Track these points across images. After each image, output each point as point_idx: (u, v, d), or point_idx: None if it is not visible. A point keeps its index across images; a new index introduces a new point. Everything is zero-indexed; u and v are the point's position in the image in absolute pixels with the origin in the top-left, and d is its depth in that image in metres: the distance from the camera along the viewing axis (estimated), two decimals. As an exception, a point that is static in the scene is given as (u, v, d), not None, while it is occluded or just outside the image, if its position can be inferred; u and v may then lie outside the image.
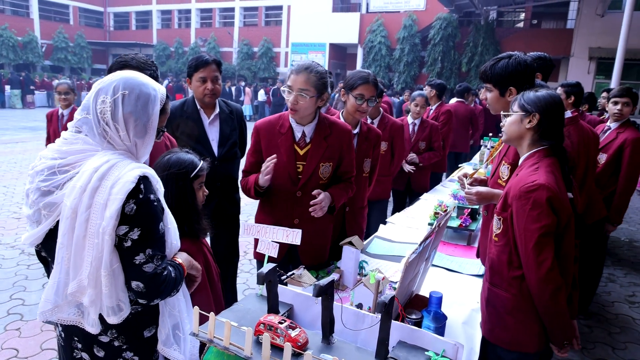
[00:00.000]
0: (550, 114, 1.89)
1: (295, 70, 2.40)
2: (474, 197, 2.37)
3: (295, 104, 2.39)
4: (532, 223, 1.75)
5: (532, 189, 1.77)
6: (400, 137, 4.14)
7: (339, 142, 2.57)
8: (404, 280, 1.70)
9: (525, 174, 1.86)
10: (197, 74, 2.97)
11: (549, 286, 1.74)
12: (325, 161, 2.54)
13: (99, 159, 1.53)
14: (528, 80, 2.25)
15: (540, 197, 1.74)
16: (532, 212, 1.75)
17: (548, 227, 1.74)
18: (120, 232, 1.48)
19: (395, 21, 22.75)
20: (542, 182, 1.76)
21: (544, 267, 1.74)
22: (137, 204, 1.49)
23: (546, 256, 1.74)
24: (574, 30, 19.39)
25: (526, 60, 2.27)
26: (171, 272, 1.62)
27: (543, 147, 1.92)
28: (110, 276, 1.49)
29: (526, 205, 1.77)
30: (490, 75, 2.30)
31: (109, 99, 1.53)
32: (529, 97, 1.94)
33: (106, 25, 36.86)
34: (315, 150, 2.52)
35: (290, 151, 2.51)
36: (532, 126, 1.91)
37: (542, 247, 1.74)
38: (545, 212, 1.74)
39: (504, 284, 1.92)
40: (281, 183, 2.54)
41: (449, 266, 2.75)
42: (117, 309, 1.55)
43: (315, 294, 1.37)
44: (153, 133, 1.63)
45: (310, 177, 2.53)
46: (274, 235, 1.88)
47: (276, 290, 1.56)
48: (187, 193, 1.99)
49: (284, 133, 2.52)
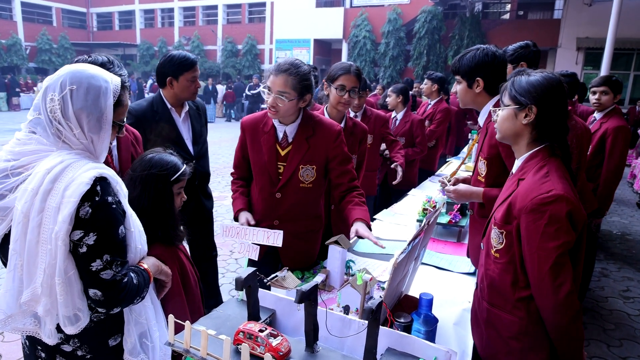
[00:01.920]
0: (550, 103, 1.60)
1: (275, 71, 2.28)
2: (452, 194, 2.32)
3: (274, 105, 2.28)
4: (548, 241, 1.49)
5: (548, 201, 1.50)
6: (387, 128, 4.08)
7: (324, 143, 2.43)
8: (392, 283, 1.61)
9: (535, 182, 1.57)
10: (187, 73, 2.96)
11: (569, 312, 1.50)
12: (306, 164, 2.42)
13: (53, 159, 1.45)
14: (497, 72, 2.22)
15: (559, 210, 1.48)
16: (549, 228, 1.49)
17: (567, 245, 1.49)
18: (75, 237, 1.41)
19: (379, 15, 22.65)
20: (560, 193, 1.49)
21: (563, 291, 1.49)
22: (93, 207, 1.41)
23: (565, 278, 1.49)
24: (561, 20, 19.37)
25: (495, 52, 2.24)
26: (133, 278, 1.55)
27: (545, 144, 1.66)
28: (65, 284, 1.42)
29: (540, 220, 1.51)
30: (459, 67, 2.27)
31: (57, 96, 1.46)
32: (521, 86, 1.64)
33: (89, 26, 36.56)
34: (295, 151, 2.41)
35: (272, 151, 2.42)
36: (529, 121, 1.63)
37: (560, 268, 1.49)
38: (565, 228, 1.48)
39: (508, 306, 1.68)
40: (262, 183, 2.48)
41: (439, 264, 2.67)
42: (74, 319, 1.47)
43: (297, 300, 1.28)
44: (108, 128, 1.54)
45: (290, 179, 2.43)
46: (254, 237, 1.79)
47: (257, 296, 1.46)
48: (165, 196, 1.89)
49: (266, 132, 2.44)
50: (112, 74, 1.61)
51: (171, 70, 2.96)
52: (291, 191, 2.44)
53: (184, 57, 2.98)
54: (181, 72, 2.95)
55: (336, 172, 2.48)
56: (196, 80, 3.03)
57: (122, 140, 2.23)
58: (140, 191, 1.85)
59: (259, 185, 2.49)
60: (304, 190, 2.47)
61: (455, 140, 7.30)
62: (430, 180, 4.93)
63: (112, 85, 1.55)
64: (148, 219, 1.79)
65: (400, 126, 4.86)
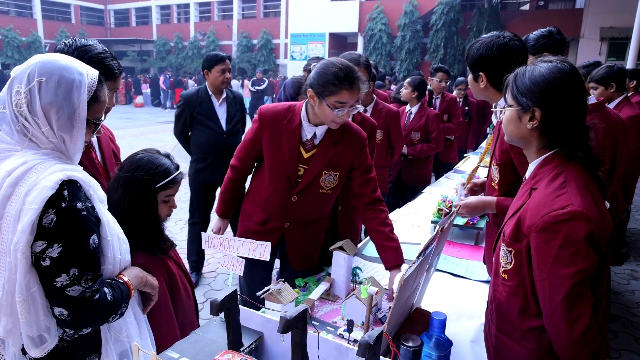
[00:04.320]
0: (557, 103, 1.32)
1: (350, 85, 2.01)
2: (463, 210, 2.07)
3: (347, 118, 2.13)
4: (562, 267, 1.24)
5: (563, 219, 1.24)
6: (396, 125, 3.83)
7: (351, 150, 2.24)
8: (398, 301, 1.39)
9: (548, 194, 1.31)
10: (217, 66, 3.93)
11: (586, 350, 1.25)
12: (330, 170, 2.24)
13: (15, 160, 1.29)
14: (503, 67, 1.82)
15: (577, 231, 1.23)
16: (563, 251, 1.24)
17: (586, 272, 1.23)
18: (37, 248, 1.25)
19: (395, 8, 22.26)
20: (578, 209, 1.23)
21: (580, 326, 1.23)
22: (58, 214, 1.25)
23: (583, 311, 1.23)
24: (584, 9, 18.76)
25: (505, 43, 1.90)
26: (107, 294, 1.36)
27: (559, 148, 1.39)
28: (27, 302, 1.27)
29: (553, 240, 1.25)
30: (467, 56, 2.01)
31: (24, 88, 1.29)
32: (523, 83, 1.37)
33: (107, 22, 36.95)
34: (320, 155, 2.21)
35: (294, 152, 2.21)
36: (534, 126, 1.37)
37: (577, 299, 1.24)
38: (583, 252, 1.22)
39: (516, 335, 1.43)
40: (278, 184, 2.27)
41: (455, 271, 2.44)
42: (38, 341, 1.31)
43: (281, 330, 1.07)
44: (82, 127, 1.37)
45: (311, 184, 2.24)
46: (239, 249, 1.58)
47: (238, 320, 1.26)
48: (147, 204, 1.68)
49: (291, 130, 2.20)
50: (89, 67, 1.43)
51: (206, 64, 3.96)
52: (309, 196, 2.27)
53: (215, 54, 4.01)
54: (213, 65, 3.93)
55: (359, 180, 2.29)
56: (225, 72, 3.96)
57: (101, 137, 2.06)
58: (122, 194, 1.66)
59: (274, 185, 2.28)
60: (321, 196, 2.31)
61: (475, 134, 7.01)
62: (447, 177, 4.67)
63: (88, 78, 1.37)
64: (128, 226, 1.60)
65: (415, 120, 4.61)
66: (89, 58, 1.78)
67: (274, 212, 2.33)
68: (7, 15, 30.69)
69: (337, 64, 2.02)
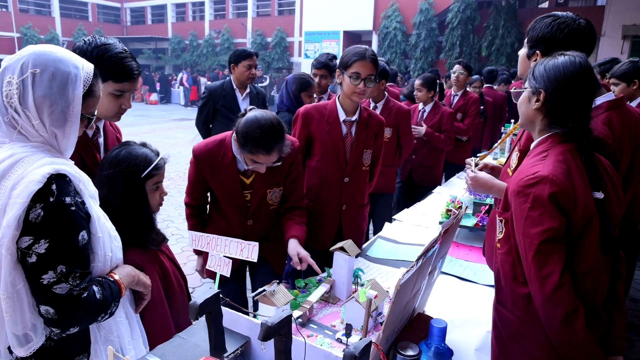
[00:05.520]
0: (561, 89, 1.45)
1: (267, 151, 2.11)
2: (471, 181, 1.98)
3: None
4: (532, 226, 1.37)
5: (531, 183, 1.39)
6: (406, 124, 3.72)
7: (286, 163, 2.33)
8: (395, 308, 1.29)
9: (528, 165, 1.48)
10: (244, 62, 4.05)
11: (558, 309, 1.34)
12: (273, 187, 2.36)
13: (2, 153, 1.25)
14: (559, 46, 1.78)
15: (542, 192, 1.36)
16: (532, 212, 1.38)
17: (553, 231, 1.35)
18: (23, 244, 1.21)
19: (411, 5, 22.00)
20: (545, 174, 1.37)
21: (549, 283, 1.34)
22: (46, 209, 1.20)
23: (552, 269, 1.34)
24: (606, 7, 18.32)
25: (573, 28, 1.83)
26: (95, 293, 1.32)
27: (557, 131, 1.51)
28: (12, 299, 1.23)
29: (525, 203, 1.40)
30: (531, 29, 1.94)
31: (16, 79, 1.25)
32: (539, 69, 1.52)
33: (123, 20, 37.30)
34: (259, 179, 2.31)
35: (236, 182, 2.31)
36: (538, 106, 1.51)
37: (546, 257, 1.35)
38: (549, 212, 1.35)
39: (508, 302, 1.53)
40: (231, 213, 2.39)
41: (462, 274, 2.34)
42: (23, 339, 1.28)
43: (262, 337, 0.98)
44: (75, 121, 1.33)
45: (259, 205, 2.36)
46: (226, 249, 1.51)
47: (220, 324, 1.18)
48: (135, 196, 1.65)
49: (227, 164, 2.28)
50: (85, 60, 1.39)
51: (233, 59, 4.11)
52: (262, 215, 2.39)
53: (243, 49, 4.16)
54: (240, 60, 4.06)
55: (287, 189, 2.43)
56: (252, 68, 4.09)
57: (108, 134, 2.00)
58: (107, 192, 1.63)
59: (229, 215, 2.39)
60: (273, 211, 2.44)
61: (490, 133, 6.86)
62: (458, 177, 4.55)
63: (84, 72, 1.34)
64: (119, 222, 1.55)
65: (429, 118, 4.49)
66: (108, 57, 1.74)
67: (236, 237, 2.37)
68: (26, 13, 31.24)
69: (262, 128, 2.03)
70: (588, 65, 1.46)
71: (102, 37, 1.81)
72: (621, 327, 1.51)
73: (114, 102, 1.80)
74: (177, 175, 8.55)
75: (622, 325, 1.52)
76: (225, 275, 1.51)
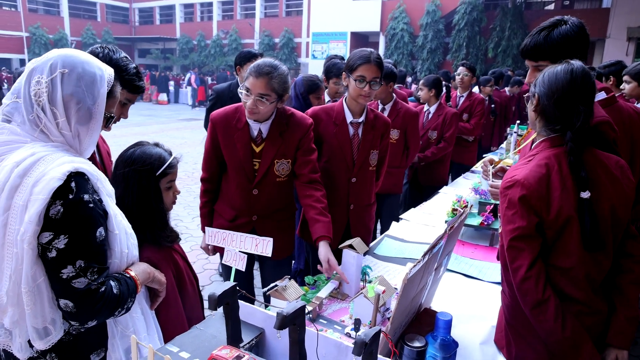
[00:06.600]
0: (552, 93, 1.56)
1: (255, 74, 2.24)
2: (491, 190, 2.09)
3: (254, 108, 2.26)
4: (506, 224, 1.56)
5: (508, 185, 1.56)
6: (414, 126, 3.77)
7: (296, 137, 2.42)
8: (402, 301, 1.35)
9: (513, 167, 1.66)
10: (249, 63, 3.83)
11: (527, 298, 1.50)
12: (281, 157, 2.42)
13: (24, 152, 1.29)
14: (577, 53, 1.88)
15: (514, 194, 1.52)
16: (507, 211, 1.55)
17: (522, 229, 1.50)
18: (43, 239, 1.25)
19: (417, 7, 22.06)
20: (519, 178, 1.53)
21: (518, 275, 1.51)
22: (65, 205, 1.25)
23: (521, 263, 1.50)
24: (611, 9, 18.30)
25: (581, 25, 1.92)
26: (112, 287, 1.37)
27: (552, 135, 1.61)
28: (33, 293, 1.27)
29: (503, 203, 1.58)
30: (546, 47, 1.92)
31: (45, 78, 1.31)
32: (540, 76, 1.65)
33: (131, 20, 37.51)
34: (269, 147, 2.40)
35: (246, 148, 2.40)
36: (533, 108, 1.65)
37: (517, 252, 1.52)
38: (519, 212, 1.51)
39: (505, 287, 1.69)
40: (238, 180, 2.45)
41: (467, 272, 2.39)
42: (43, 333, 1.32)
43: (277, 326, 1.05)
44: (99, 119, 1.40)
45: (266, 175, 2.42)
46: (242, 244, 1.57)
47: (237, 315, 1.24)
48: (150, 194, 1.70)
49: (240, 129, 2.39)
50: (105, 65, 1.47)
51: (239, 61, 4.05)
52: (267, 186, 2.44)
53: (248, 51, 4.11)
54: (245, 62, 3.95)
55: (299, 161, 2.46)
56: None
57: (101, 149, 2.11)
58: (123, 190, 1.67)
59: (235, 182, 2.46)
60: (280, 184, 2.48)
61: (498, 133, 6.92)
62: (465, 177, 4.60)
63: (107, 74, 1.43)
64: (134, 220, 1.61)
65: (434, 119, 4.54)
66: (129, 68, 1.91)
67: (240, 208, 2.50)
68: (35, 13, 31.58)
69: (263, 59, 2.32)
70: (582, 72, 1.54)
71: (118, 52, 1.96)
72: (623, 322, 1.56)
73: (119, 109, 1.90)
74: (186, 175, 8.63)
75: (625, 320, 1.56)
76: (240, 269, 1.57)
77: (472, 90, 5.55)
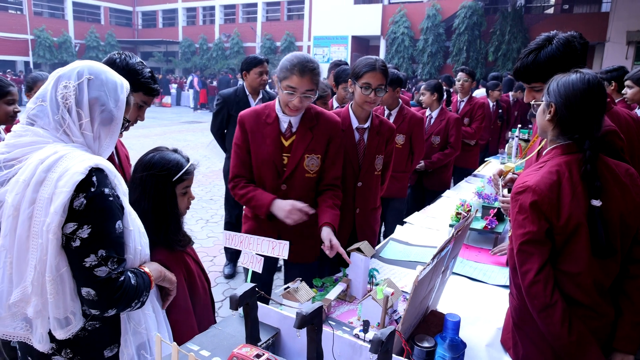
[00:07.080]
0: (571, 103, 1.57)
1: (300, 72, 2.23)
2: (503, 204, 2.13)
3: (300, 105, 2.29)
4: (517, 228, 1.59)
5: (519, 191, 1.59)
6: (419, 131, 3.84)
7: (327, 132, 2.45)
8: (413, 302, 1.41)
9: (525, 174, 1.69)
10: (255, 69, 4.13)
11: (535, 302, 1.54)
12: (311, 152, 2.43)
13: (47, 150, 1.39)
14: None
15: (525, 200, 1.56)
16: (518, 216, 1.58)
17: (532, 234, 1.54)
18: (68, 230, 1.32)
19: (418, 11, 22.20)
20: (530, 184, 1.56)
21: (527, 279, 1.54)
22: (88, 198, 1.33)
23: (530, 267, 1.54)
24: (610, 13, 18.41)
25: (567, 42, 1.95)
26: (130, 278, 1.44)
27: (564, 143, 1.64)
28: (56, 282, 1.34)
29: (514, 207, 1.61)
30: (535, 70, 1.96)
31: (73, 83, 1.43)
32: (553, 85, 1.66)
33: (135, 24, 37.67)
34: (300, 141, 2.41)
35: (276, 142, 2.41)
36: (549, 118, 1.66)
37: (526, 256, 1.55)
38: (530, 217, 1.54)
39: (513, 289, 1.72)
40: (266, 175, 2.44)
41: (472, 275, 2.44)
42: (64, 322, 1.38)
43: (297, 325, 1.11)
44: (119, 121, 1.52)
45: (295, 169, 2.42)
46: (259, 247, 1.62)
47: (256, 315, 1.30)
48: (166, 198, 1.76)
49: (270, 123, 2.42)
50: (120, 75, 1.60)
51: (245, 66, 4.17)
52: (297, 182, 2.43)
53: (253, 57, 4.20)
54: (251, 67, 4.12)
55: (326, 162, 2.48)
56: (263, 74, 4.16)
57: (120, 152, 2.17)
58: (140, 193, 1.74)
59: (263, 178, 2.45)
60: (309, 181, 2.46)
61: (505, 139, 6.98)
62: (467, 181, 4.65)
63: (125, 83, 1.57)
64: (149, 223, 1.67)
65: (436, 124, 4.60)
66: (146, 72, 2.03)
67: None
68: (40, 16, 31.72)
69: (298, 57, 2.28)
70: (597, 82, 1.58)
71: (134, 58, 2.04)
72: (629, 327, 1.59)
73: (135, 112, 2.01)
74: (190, 179, 8.64)
75: (631, 325, 1.59)
76: (257, 271, 1.63)
77: (473, 95, 5.63)
